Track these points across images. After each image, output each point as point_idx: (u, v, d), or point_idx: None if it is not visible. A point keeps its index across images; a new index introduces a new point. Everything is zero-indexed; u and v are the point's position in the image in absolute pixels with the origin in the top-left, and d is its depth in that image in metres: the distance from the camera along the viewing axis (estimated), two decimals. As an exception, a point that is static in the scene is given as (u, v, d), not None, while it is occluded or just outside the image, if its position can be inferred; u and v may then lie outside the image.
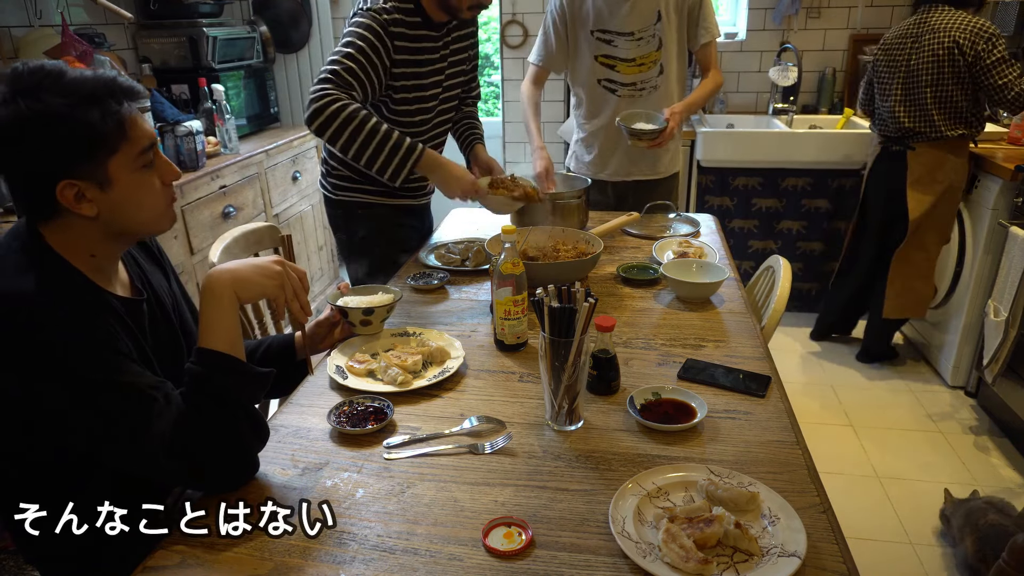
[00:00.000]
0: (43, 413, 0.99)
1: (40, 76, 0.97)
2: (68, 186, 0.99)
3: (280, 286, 1.13)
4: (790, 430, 1.18)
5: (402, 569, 0.91)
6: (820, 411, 2.88)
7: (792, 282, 1.83)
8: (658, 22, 2.31)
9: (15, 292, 0.96)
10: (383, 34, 1.80)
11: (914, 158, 2.82)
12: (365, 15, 1.81)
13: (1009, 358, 2.52)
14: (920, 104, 2.75)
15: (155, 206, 1.09)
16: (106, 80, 1.01)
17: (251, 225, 2.00)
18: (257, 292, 1.12)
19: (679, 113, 2.27)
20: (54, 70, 0.98)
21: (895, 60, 2.81)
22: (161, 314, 1.23)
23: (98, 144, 0.99)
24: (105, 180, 1.01)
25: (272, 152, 3.32)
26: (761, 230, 3.51)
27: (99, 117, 0.98)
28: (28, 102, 0.94)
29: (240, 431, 1.04)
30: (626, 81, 2.40)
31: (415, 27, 1.87)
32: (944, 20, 2.67)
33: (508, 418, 1.23)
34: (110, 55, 2.90)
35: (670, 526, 0.92)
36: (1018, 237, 2.49)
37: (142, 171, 1.06)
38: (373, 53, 1.80)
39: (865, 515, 2.28)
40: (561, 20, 2.40)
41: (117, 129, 1.00)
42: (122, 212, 1.05)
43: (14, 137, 0.96)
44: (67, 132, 0.97)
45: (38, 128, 0.95)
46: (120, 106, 1.01)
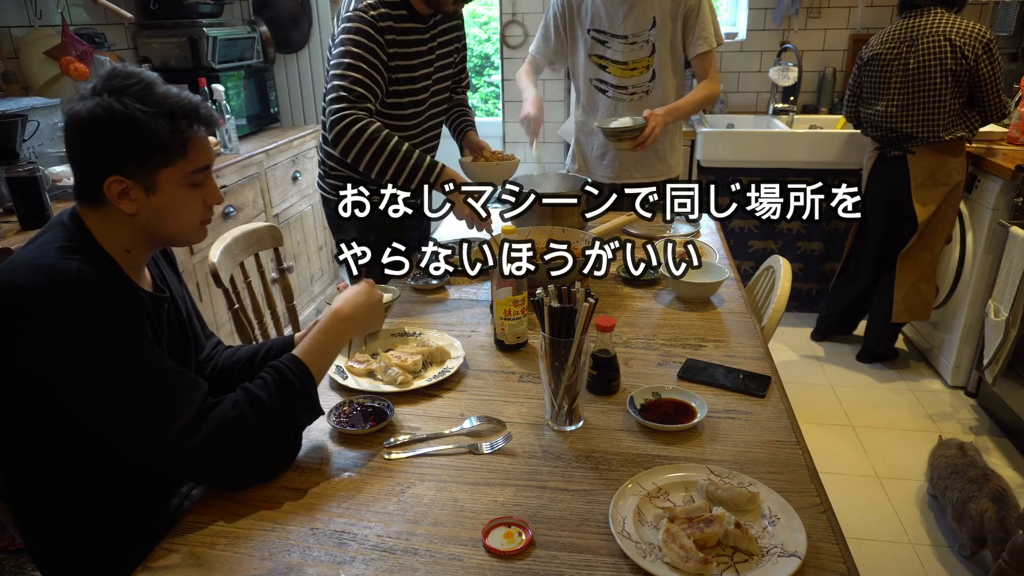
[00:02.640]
0: (70, 391, 1.00)
1: (132, 81, 1.04)
2: (116, 182, 1.05)
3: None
4: (790, 430, 1.18)
5: (402, 569, 0.91)
6: (820, 411, 2.88)
7: (792, 282, 1.83)
8: (652, 28, 2.30)
9: (60, 269, 1.00)
10: (375, 33, 1.83)
11: (915, 162, 2.82)
12: (355, 17, 1.84)
13: (1009, 358, 2.52)
14: (921, 107, 2.73)
15: (190, 222, 1.15)
16: (189, 103, 1.08)
17: (251, 225, 2.01)
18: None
19: (660, 115, 2.21)
20: (147, 80, 1.06)
21: (889, 65, 2.79)
22: (176, 315, 1.27)
23: (157, 154, 1.05)
24: (152, 186, 1.07)
25: (272, 152, 3.32)
26: (761, 230, 3.51)
27: (167, 131, 1.04)
28: (112, 100, 1.02)
29: (279, 440, 1.09)
30: (616, 83, 2.39)
31: (402, 20, 1.89)
32: (940, 23, 2.66)
33: (508, 418, 1.23)
34: (110, 55, 2.90)
35: (670, 526, 0.92)
36: (1018, 237, 2.49)
37: (189, 188, 1.11)
38: (372, 56, 1.82)
39: (865, 515, 2.28)
40: (561, 15, 2.40)
41: (179, 146, 1.07)
42: (158, 218, 1.10)
43: (87, 127, 1.03)
44: (133, 136, 1.03)
45: (110, 125, 1.02)
46: (190, 128, 1.07)
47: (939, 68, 2.66)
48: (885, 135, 2.89)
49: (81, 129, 1.04)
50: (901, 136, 2.82)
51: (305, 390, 1.11)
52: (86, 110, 1.02)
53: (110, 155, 1.04)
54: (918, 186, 2.82)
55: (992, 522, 1.86)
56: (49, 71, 2.60)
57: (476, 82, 6.28)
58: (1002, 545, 1.78)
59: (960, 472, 2.06)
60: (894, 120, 2.81)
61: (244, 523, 1.00)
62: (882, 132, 2.89)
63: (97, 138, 1.03)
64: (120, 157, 1.04)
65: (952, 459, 2.13)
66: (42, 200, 2.08)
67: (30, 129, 2.37)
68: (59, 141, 2.50)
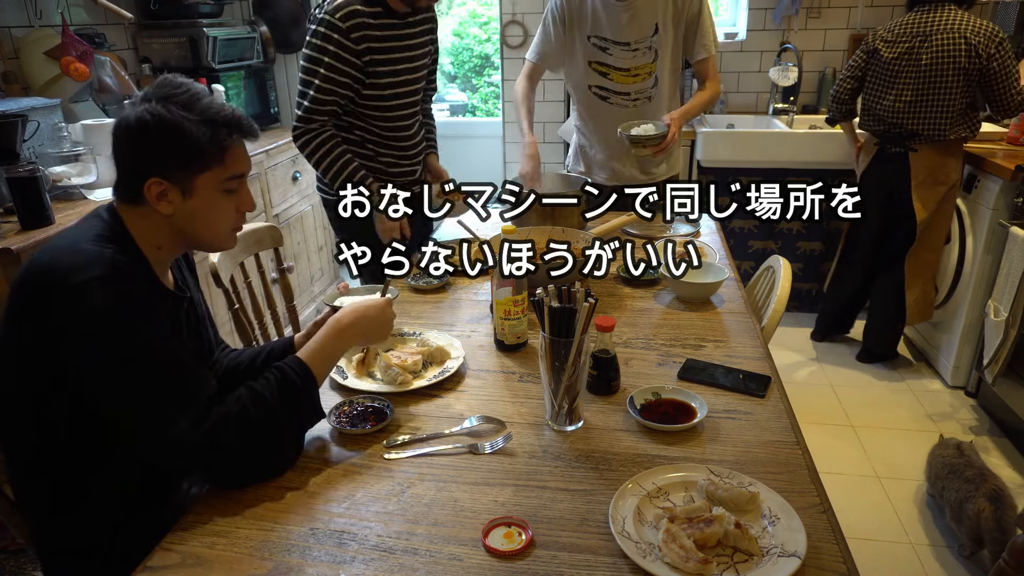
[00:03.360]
0: (89, 371, 1.03)
1: (180, 91, 1.11)
2: (156, 184, 1.10)
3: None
4: (790, 430, 1.18)
5: (402, 569, 0.91)
6: (820, 411, 2.88)
7: (792, 282, 1.83)
8: (655, 34, 2.30)
9: (97, 254, 1.04)
10: (345, 42, 1.88)
11: (916, 160, 2.81)
12: (324, 23, 1.88)
13: (1009, 358, 2.52)
14: (931, 105, 2.71)
15: (222, 228, 1.20)
16: (231, 114, 1.14)
17: (251, 225, 2.00)
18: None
19: (678, 119, 2.25)
20: (193, 90, 1.12)
21: (900, 59, 2.74)
22: (195, 316, 1.30)
23: (195, 160, 1.11)
24: (189, 190, 1.12)
25: (272, 152, 3.32)
26: (761, 230, 3.51)
27: (207, 139, 1.10)
28: (159, 106, 1.08)
29: (282, 438, 1.12)
30: (619, 90, 2.39)
31: (378, 16, 1.92)
32: (954, 20, 2.63)
33: (508, 418, 1.23)
34: (110, 55, 2.90)
35: (670, 526, 0.92)
36: (1018, 237, 2.49)
37: (224, 194, 1.16)
38: (338, 74, 1.91)
39: (865, 515, 2.28)
40: (560, 18, 2.39)
41: (217, 154, 1.12)
42: (192, 221, 1.15)
43: (135, 130, 1.09)
44: (175, 141, 1.08)
45: (155, 130, 1.08)
46: (230, 137, 1.13)
47: (952, 66, 2.63)
48: (888, 130, 2.86)
49: (129, 132, 1.09)
50: (905, 133, 2.81)
51: (307, 391, 1.13)
52: (136, 115, 1.08)
53: (153, 158, 1.09)
54: (919, 184, 2.82)
55: (989, 522, 1.87)
56: (49, 71, 2.60)
57: (476, 82, 6.28)
58: (1000, 545, 1.81)
59: (957, 472, 2.06)
60: (901, 116, 2.78)
61: (244, 523, 1.00)
62: (885, 127, 2.86)
63: (143, 141, 1.09)
64: (162, 160, 1.09)
65: (949, 459, 2.13)
66: (42, 200, 2.08)
67: (30, 129, 2.37)
68: (59, 141, 2.50)
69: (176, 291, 1.24)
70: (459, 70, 6.20)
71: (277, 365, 1.14)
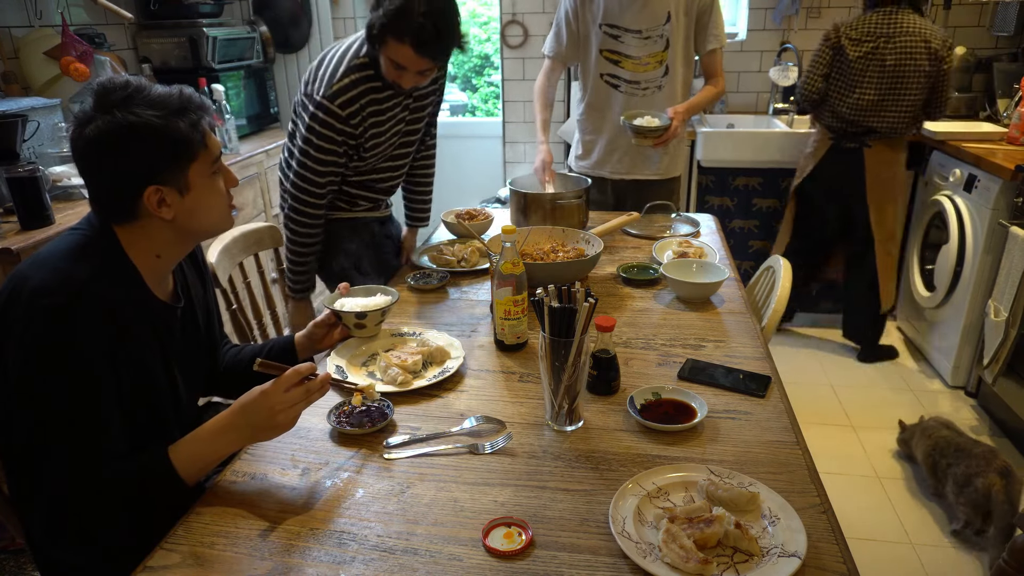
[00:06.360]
0: (12, 394, 1.03)
1: (130, 90, 1.04)
2: (154, 191, 1.07)
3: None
4: (790, 430, 1.18)
5: (402, 569, 0.91)
6: (820, 411, 2.88)
7: (792, 282, 1.83)
8: (667, 22, 2.32)
9: (70, 276, 1.02)
10: (342, 126, 1.79)
11: (871, 155, 2.93)
12: (322, 108, 1.76)
13: (1009, 358, 2.52)
14: (895, 105, 2.82)
15: (222, 209, 1.19)
16: (187, 95, 1.09)
17: (251, 225, 2.00)
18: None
19: (682, 112, 2.28)
20: (140, 84, 1.06)
21: (866, 59, 2.81)
22: (191, 324, 1.28)
23: (183, 152, 1.08)
24: (184, 186, 1.10)
25: (272, 152, 3.32)
26: (761, 230, 3.51)
27: (188, 128, 1.07)
28: (123, 114, 1.02)
29: (120, 519, 1.08)
30: (630, 78, 2.40)
31: (379, 91, 1.83)
32: (913, 23, 2.74)
33: (508, 418, 1.23)
34: (110, 55, 2.90)
35: (670, 526, 0.92)
36: (1018, 237, 2.49)
37: (212, 177, 1.15)
38: (333, 146, 1.82)
39: (865, 515, 2.28)
40: (574, 11, 2.40)
41: (199, 138, 1.09)
42: (194, 215, 1.13)
43: (111, 145, 1.03)
44: (159, 141, 1.05)
45: (133, 137, 1.03)
46: (200, 118, 1.10)
47: (914, 68, 2.76)
48: (847, 127, 2.95)
49: (102, 150, 1.03)
50: (862, 130, 2.91)
51: (155, 484, 1.07)
52: (99, 131, 1.01)
53: (142, 167, 1.05)
54: (874, 178, 2.95)
55: (1000, 495, 1.97)
56: (49, 71, 2.60)
57: (476, 82, 6.28)
58: (1007, 519, 1.94)
59: (964, 449, 2.16)
60: (863, 114, 2.87)
61: (244, 523, 1.00)
62: (845, 124, 2.95)
63: (124, 154, 1.04)
64: (153, 165, 1.06)
65: (951, 438, 2.25)
66: (42, 200, 2.08)
67: (30, 129, 2.37)
68: (59, 141, 2.50)
69: (173, 299, 1.21)
70: (459, 70, 6.20)
71: (149, 452, 1.07)
